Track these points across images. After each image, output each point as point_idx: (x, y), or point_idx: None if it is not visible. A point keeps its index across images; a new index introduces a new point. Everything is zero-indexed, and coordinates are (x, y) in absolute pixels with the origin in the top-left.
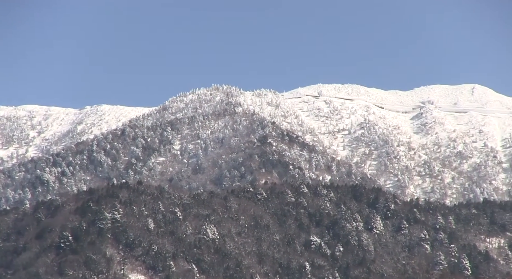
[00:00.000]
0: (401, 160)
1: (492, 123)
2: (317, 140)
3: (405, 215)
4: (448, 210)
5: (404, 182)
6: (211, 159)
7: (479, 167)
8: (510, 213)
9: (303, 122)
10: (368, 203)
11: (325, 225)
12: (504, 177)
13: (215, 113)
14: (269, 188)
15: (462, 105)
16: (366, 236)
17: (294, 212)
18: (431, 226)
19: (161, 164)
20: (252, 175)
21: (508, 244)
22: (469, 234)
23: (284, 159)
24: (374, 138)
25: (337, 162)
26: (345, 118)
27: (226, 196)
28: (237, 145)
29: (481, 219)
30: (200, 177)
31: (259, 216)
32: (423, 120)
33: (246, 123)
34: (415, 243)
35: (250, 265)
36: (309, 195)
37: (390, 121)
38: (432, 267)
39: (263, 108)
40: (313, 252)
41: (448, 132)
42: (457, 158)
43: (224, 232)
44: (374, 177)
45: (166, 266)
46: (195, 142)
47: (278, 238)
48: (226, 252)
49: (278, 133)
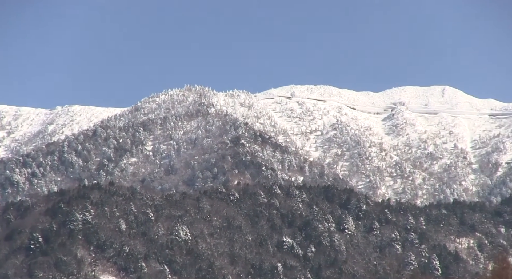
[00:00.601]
0: (372, 161)
1: (462, 125)
2: (289, 141)
3: (377, 215)
4: (419, 210)
5: (376, 183)
6: (183, 160)
7: (449, 168)
8: (479, 213)
9: (275, 123)
10: (340, 203)
11: (297, 226)
12: (473, 178)
13: (187, 113)
14: (241, 189)
15: (432, 107)
16: (338, 236)
17: (266, 213)
18: (402, 226)
19: (133, 165)
20: (224, 176)
21: (478, 245)
22: (439, 234)
23: (257, 160)
24: (346, 139)
25: (310, 163)
26: (318, 119)
27: (199, 197)
28: (210, 146)
29: (451, 219)
30: (172, 178)
31: (231, 217)
32: (394, 121)
33: (219, 124)
34: (386, 243)
35: (223, 266)
36: (282, 196)
37: (362, 122)
38: (403, 267)
39: (236, 109)
40: (285, 253)
41: (419, 133)
42: (427, 159)
43: (197, 233)
44: (346, 178)
45: (138, 267)
46: (167, 142)
47: (251, 239)
48: (198, 253)
49: (250, 134)
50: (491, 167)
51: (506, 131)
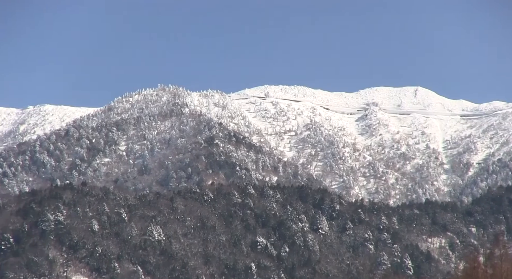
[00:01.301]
0: (346, 161)
1: (434, 125)
2: (263, 141)
3: (350, 215)
4: (392, 210)
5: (349, 183)
6: (157, 160)
7: (422, 168)
8: (451, 213)
9: (250, 123)
10: (314, 204)
11: (271, 226)
12: (445, 178)
13: (161, 113)
14: (215, 189)
15: (405, 107)
16: (311, 236)
17: (240, 213)
18: (375, 226)
19: (106, 165)
20: (198, 176)
21: (449, 244)
22: (412, 234)
23: (231, 160)
24: (320, 139)
25: (284, 163)
26: (292, 119)
27: (173, 197)
28: (184, 146)
29: (423, 219)
30: (146, 178)
31: (205, 217)
32: (367, 122)
33: (193, 124)
34: (359, 243)
35: (196, 266)
36: (256, 196)
37: (335, 122)
38: (375, 267)
39: (210, 109)
40: (259, 253)
41: (392, 133)
42: (400, 159)
43: (170, 233)
44: (320, 178)
45: (111, 268)
46: (141, 142)
47: (225, 239)
48: (172, 253)
49: (225, 134)
50: (463, 168)
51: (477, 131)
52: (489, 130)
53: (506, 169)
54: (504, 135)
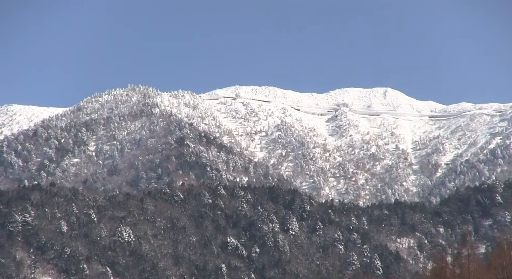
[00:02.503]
0: (316, 162)
1: (403, 126)
2: (234, 142)
3: (320, 216)
4: (361, 211)
5: (320, 183)
6: (127, 160)
7: (391, 169)
8: (420, 214)
9: (220, 123)
10: (284, 204)
11: (241, 227)
12: (414, 178)
13: (131, 114)
14: (186, 189)
15: (375, 108)
16: (282, 237)
17: (211, 213)
18: (345, 227)
19: (75, 165)
20: (169, 177)
21: (418, 244)
22: (381, 234)
23: (202, 161)
24: (291, 140)
25: (254, 163)
26: (262, 120)
27: (143, 198)
28: (154, 146)
29: (392, 219)
30: (115, 179)
31: (175, 218)
32: (338, 123)
33: (163, 124)
34: (329, 243)
35: (166, 267)
36: (226, 196)
37: (306, 123)
38: (345, 267)
39: (180, 110)
40: (229, 254)
41: (362, 134)
42: (370, 160)
43: (140, 234)
44: (290, 179)
45: (79, 269)
46: (110, 143)
47: (195, 239)
48: (141, 255)
49: (195, 135)
50: (431, 168)
51: (445, 132)
52: (457, 131)
53: (474, 170)
54: (472, 136)
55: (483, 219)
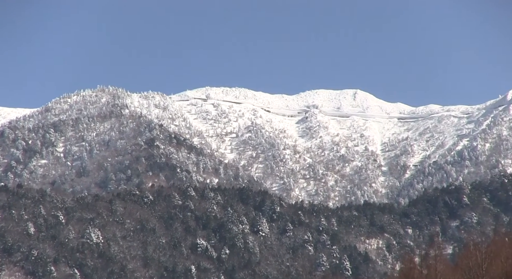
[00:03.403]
0: (287, 163)
1: (372, 128)
2: (205, 143)
3: (290, 217)
4: (331, 212)
5: (290, 185)
6: (96, 161)
7: (360, 170)
8: (388, 215)
9: (191, 125)
10: (254, 205)
11: (211, 228)
12: (383, 180)
13: (100, 115)
14: (156, 191)
15: (345, 110)
16: (252, 238)
17: (181, 215)
18: (314, 228)
19: (43, 166)
20: (138, 178)
21: (386, 245)
22: (350, 235)
23: (172, 162)
24: (261, 141)
25: (225, 165)
26: (233, 121)
27: (112, 200)
28: (124, 147)
29: (361, 221)
30: (84, 180)
31: (145, 219)
32: (308, 124)
33: (133, 126)
34: (299, 245)
35: (135, 269)
36: (196, 198)
37: (276, 124)
38: (314, 268)
39: (150, 111)
40: (199, 255)
41: (332, 136)
42: (340, 161)
43: (109, 236)
44: (260, 180)
45: (47, 271)
46: (79, 144)
47: (164, 241)
48: (110, 256)
49: (165, 136)
50: (400, 170)
51: (413, 134)
52: (425, 133)
53: (441, 171)
54: (440, 138)
55: (450, 220)
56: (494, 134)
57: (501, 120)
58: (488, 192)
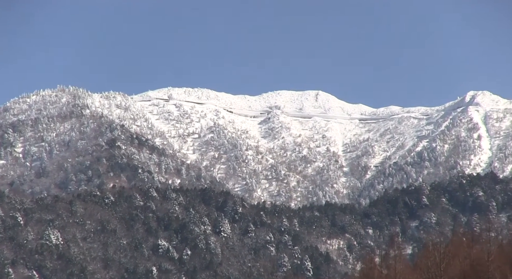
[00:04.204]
0: (249, 164)
1: (334, 129)
2: (167, 144)
3: (252, 218)
4: (293, 213)
5: (252, 185)
6: (56, 162)
7: (322, 171)
8: (349, 215)
9: (153, 125)
10: (216, 206)
11: (173, 229)
12: (344, 180)
13: (60, 115)
14: (117, 192)
15: (307, 111)
16: (214, 239)
17: (142, 216)
18: (276, 228)
19: (1, 167)
20: (99, 179)
21: (347, 246)
22: (312, 236)
23: (133, 163)
24: (224, 142)
25: (187, 165)
26: (195, 122)
27: (72, 200)
28: (84, 148)
29: (323, 221)
30: (44, 181)
31: (106, 220)
32: (270, 125)
33: (94, 126)
34: (261, 245)
35: (95, 271)
36: (158, 199)
37: (239, 125)
38: (276, 269)
39: (111, 111)
40: (160, 256)
41: (294, 136)
42: (302, 162)
43: (69, 237)
44: (223, 181)
45: (4, 273)
46: (39, 144)
47: (125, 242)
48: (70, 258)
49: (127, 136)
50: (361, 170)
51: (374, 135)
52: (386, 134)
53: (402, 172)
54: (400, 139)
55: (410, 220)
56: (453, 135)
57: (460, 122)
58: (446, 193)
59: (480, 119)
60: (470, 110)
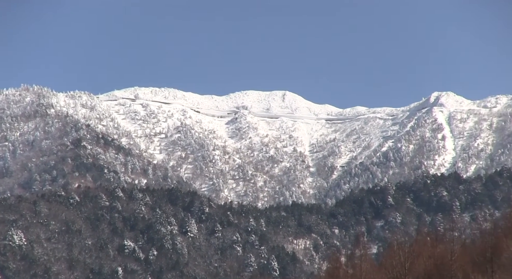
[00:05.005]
0: (216, 164)
1: (301, 129)
2: (133, 144)
3: (219, 218)
4: (260, 213)
5: (219, 185)
6: (19, 162)
7: (289, 171)
8: (316, 215)
9: (119, 125)
10: (183, 206)
11: (139, 229)
12: (311, 180)
13: (24, 114)
14: (82, 192)
15: (274, 111)
16: (180, 239)
17: (108, 216)
18: (243, 228)
19: None
20: (64, 179)
21: (313, 245)
22: (278, 236)
23: (99, 163)
24: (191, 142)
25: (154, 165)
26: (162, 122)
27: (36, 201)
28: (49, 147)
29: (289, 221)
30: (7, 181)
31: (71, 220)
32: (237, 125)
33: (59, 126)
34: (227, 245)
35: (60, 271)
36: (124, 199)
37: (206, 125)
38: (243, 268)
39: (77, 110)
40: (126, 257)
41: (261, 137)
42: (269, 162)
43: (33, 238)
44: (190, 181)
45: None
46: (2, 144)
47: (91, 243)
48: (33, 259)
49: (92, 136)
50: (327, 171)
51: (341, 135)
52: (352, 134)
53: (367, 172)
54: (366, 139)
55: (376, 220)
56: (418, 135)
57: (424, 122)
58: (411, 193)
59: (444, 120)
60: (435, 110)
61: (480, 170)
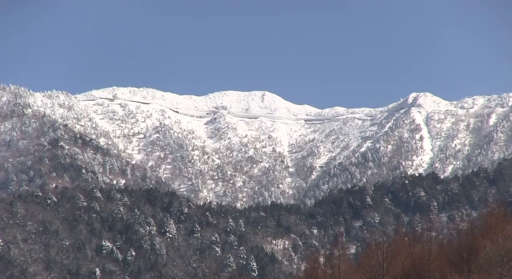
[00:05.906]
0: (195, 164)
1: (280, 129)
2: (111, 144)
3: (198, 218)
4: (239, 213)
5: (198, 186)
6: None
7: (268, 171)
8: (295, 215)
9: (97, 125)
10: (162, 207)
11: (117, 230)
12: (290, 181)
13: (1, 114)
14: (60, 192)
15: (253, 111)
16: (159, 240)
17: (86, 216)
18: (222, 229)
19: None
20: (41, 179)
21: (292, 246)
22: (257, 236)
23: (77, 163)
24: (169, 142)
25: (132, 166)
26: (141, 122)
27: (12, 201)
28: (26, 148)
29: (268, 221)
30: None
31: (48, 221)
32: (216, 125)
33: (36, 125)
34: (206, 246)
35: (37, 272)
36: (102, 199)
37: (185, 125)
38: (221, 269)
39: (54, 110)
40: (104, 257)
41: (240, 137)
42: (248, 162)
43: (9, 239)
44: (168, 181)
45: None
46: None
47: (68, 243)
48: (10, 259)
49: (70, 136)
50: (306, 171)
51: (320, 136)
52: (331, 134)
53: (346, 173)
54: (345, 139)
55: (354, 220)
56: (396, 136)
57: (403, 123)
58: (389, 193)
59: (422, 120)
60: (413, 111)
61: (457, 170)
